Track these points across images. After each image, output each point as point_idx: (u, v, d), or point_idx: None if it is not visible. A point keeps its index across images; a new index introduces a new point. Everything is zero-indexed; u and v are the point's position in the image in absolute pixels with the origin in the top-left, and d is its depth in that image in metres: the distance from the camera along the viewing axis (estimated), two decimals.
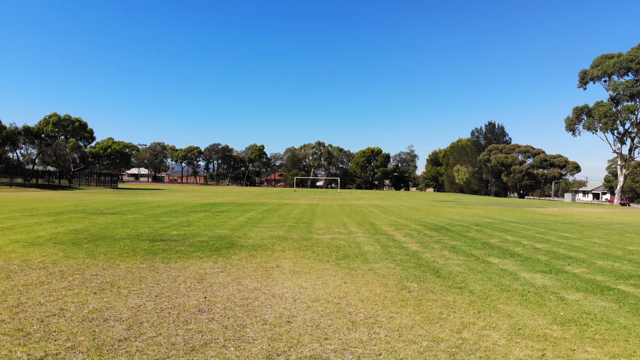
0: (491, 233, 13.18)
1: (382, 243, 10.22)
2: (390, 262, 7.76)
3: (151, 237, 10.39)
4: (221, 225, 13.36)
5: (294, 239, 10.52)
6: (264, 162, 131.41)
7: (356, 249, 9.26)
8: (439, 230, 13.58)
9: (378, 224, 15.20)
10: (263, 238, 10.59)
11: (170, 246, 9.05)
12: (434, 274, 6.88)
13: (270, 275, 6.63)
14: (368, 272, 6.91)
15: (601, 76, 48.29)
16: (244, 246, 9.24)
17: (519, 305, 5.33)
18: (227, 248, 8.93)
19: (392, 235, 11.79)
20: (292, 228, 13.02)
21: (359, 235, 11.62)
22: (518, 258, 8.66)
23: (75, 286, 5.85)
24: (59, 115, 58.37)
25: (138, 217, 15.28)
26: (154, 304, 5.06)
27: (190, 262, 7.44)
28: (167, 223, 13.59)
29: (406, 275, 6.77)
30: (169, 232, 11.40)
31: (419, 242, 10.64)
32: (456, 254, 8.90)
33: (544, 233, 13.67)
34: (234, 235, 11.01)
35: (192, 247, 9.00)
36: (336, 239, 10.72)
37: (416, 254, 8.80)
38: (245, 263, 7.48)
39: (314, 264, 7.49)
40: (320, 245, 9.62)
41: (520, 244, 10.86)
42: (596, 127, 49.10)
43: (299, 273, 6.79)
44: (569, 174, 74.79)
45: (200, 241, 9.79)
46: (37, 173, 53.55)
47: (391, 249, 9.29)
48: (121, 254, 8.06)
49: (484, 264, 7.94)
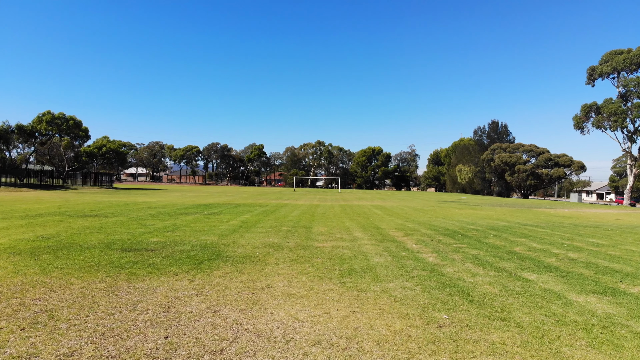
0: (512, 239, 11.79)
1: (392, 253, 8.81)
2: (406, 280, 6.35)
3: (126, 245, 9.00)
4: (210, 230, 11.97)
5: (290, 248, 9.12)
6: (263, 162, 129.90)
7: (363, 261, 7.86)
8: (453, 235, 12.18)
9: (384, 228, 13.80)
10: (255, 246, 9.19)
11: (144, 257, 7.65)
12: (465, 298, 5.48)
13: (258, 300, 5.23)
14: (381, 296, 5.51)
15: (610, 72, 46.82)
16: (231, 258, 7.84)
17: (590, 349, 3.94)
18: (210, 260, 7.53)
19: (403, 243, 10.39)
20: (289, 233, 11.63)
21: (365, 243, 10.22)
22: (557, 273, 7.26)
23: (4, 316, 4.47)
24: (53, 113, 56.95)
25: (120, 221, 13.89)
26: (93, 350, 3.68)
27: (160, 281, 6.05)
28: (150, 227, 12.20)
29: (430, 300, 5.38)
30: (149, 238, 10.01)
31: (434, 251, 9.24)
32: (483, 268, 7.50)
33: (569, 239, 12.27)
34: (221, 242, 9.61)
35: (169, 258, 7.61)
36: (339, 248, 9.33)
37: (435, 268, 7.40)
38: (229, 282, 6.09)
39: (313, 283, 6.09)
40: (321, 256, 8.22)
41: (551, 253, 9.46)
42: (605, 126, 47.64)
43: (294, 297, 5.39)
44: (574, 173, 73.33)
45: (180, 251, 8.40)
46: (29, 172, 52.16)
47: (405, 261, 7.89)
48: (81, 269, 6.68)
49: (521, 281, 6.54)
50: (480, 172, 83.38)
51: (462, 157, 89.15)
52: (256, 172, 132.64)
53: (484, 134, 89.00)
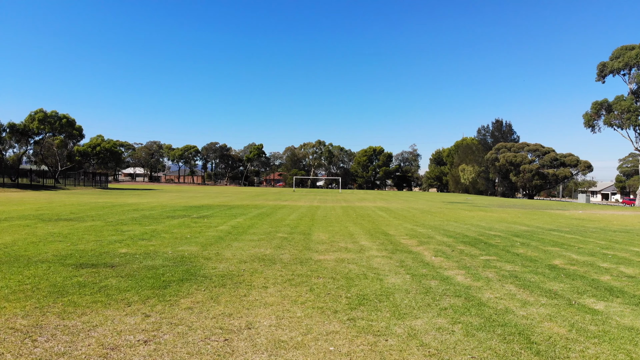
0: (543, 248, 10.16)
1: (410, 269, 7.18)
2: (438, 315, 4.72)
3: (84, 258, 7.38)
4: (193, 237, 10.34)
5: (284, 262, 7.49)
6: (262, 162, 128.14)
7: (376, 281, 6.23)
8: (475, 244, 10.55)
9: (394, 234, 12.17)
10: (241, 260, 7.56)
11: (98, 277, 6.03)
12: (528, 347, 3.85)
13: (232, 352, 3.61)
14: (409, 344, 3.87)
15: (622, 68, 45.13)
16: (208, 277, 6.21)
17: None
18: (180, 282, 5.90)
19: (419, 254, 8.75)
20: (285, 242, 10.00)
21: (375, 254, 8.59)
22: (626, 298, 5.63)
23: None
24: (45, 111, 55.38)
25: (95, 226, 12.28)
26: None
27: (104, 316, 4.43)
28: (125, 234, 10.58)
29: (480, 351, 3.74)
30: (117, 249, 8.40)
31: (460, 266, 7.60)
32: (530, 292, 5.86)
33: (608, 247, 10.64)
34: (202, 255, 7.98)
35: (129, 279, 5.98)
36: (344, 262, 7.70)
37: (470, 292, 5.76)
38: (197, 318, 4.46)
39: (311, 320, 4.46)
40: (322, 274, 6.60)
41: (599, 267, 7.83)
42: (617, 123, 45.92)
43: (284, 346, 3.76)
44: (580, 173, 71.60)
45: (148, 267, 6.77)
46: (19, 172, 50.56)
47: (428, 282, 6.26)
48: (8, 296, 5.08)
49: (589, 314, 4.91)
50: (484, 172, 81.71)
51: (465, 156, 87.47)
52: (256, 172, 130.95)
53: (487, 133, 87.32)
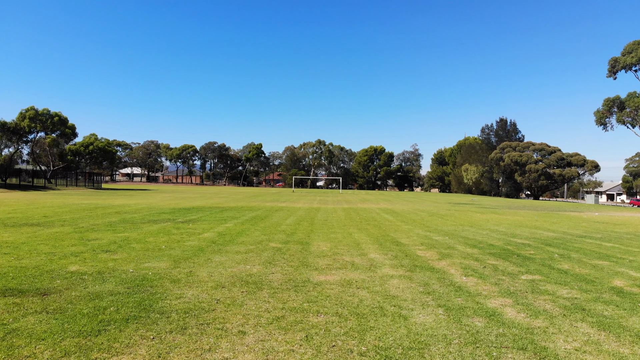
0: (590, 262, 8.44)
1: (440, 298, 5.45)
2: None
3: (16, 280, 5.68)
4: (168, 249, 8.63)
5: (273, 287, 5.77)
6: (262, 162, 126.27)
7: (399, 322, 4.50)
8: (506, 257, 8.82)
9: (407, 243, 10.45)
10: (218, 284, 5.84)
11: (14, 314, 4.33)
12: None
13: None
14: None
15: (635, 64, 43.35)
16: (166, 314, 4.49)
17: None
18: (124, 323, 4.18)
19: (445, 273, 7.03)
20: (278, 255, 8.29)
21: (389, 272, 6.87)
22: None
23: None
24: (37, 109, 53.67)
25: (59, 233, 10.57)
26: None
27: None
28: (88, 245, 8.87)
29: None
30: (66, 266, 6.69)
31: (502, 291, 5.87)
32: (616, 337, 4.15)
33: None
34: (169, 276, 6.26)
35: (55, 317, 4.27)
36: (352, 285, 5.98)
37: (534, 339, 4.04)
38: None
39: None
40: (323, 308, 4.88)
41: None
42: (629, 121, 44.18)
43: None
44: (587, 173, 69.83)
45: (90, 296, 5.05)
46: (12, 172, 48.87)
47: (471, 322, 4.54)
48: None
49: None
50: (487, 172, 79.95)
51: (468, 156, 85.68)
52: (255, 172, 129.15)
53: (491, 132, 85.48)
